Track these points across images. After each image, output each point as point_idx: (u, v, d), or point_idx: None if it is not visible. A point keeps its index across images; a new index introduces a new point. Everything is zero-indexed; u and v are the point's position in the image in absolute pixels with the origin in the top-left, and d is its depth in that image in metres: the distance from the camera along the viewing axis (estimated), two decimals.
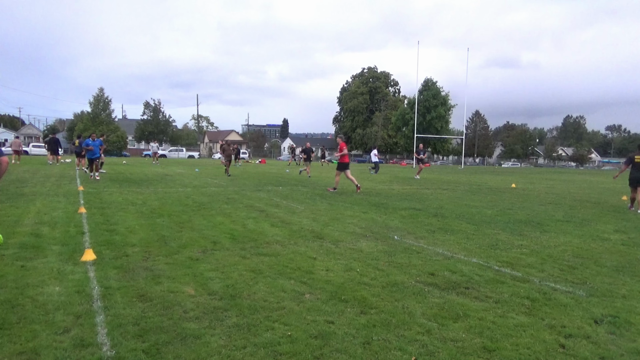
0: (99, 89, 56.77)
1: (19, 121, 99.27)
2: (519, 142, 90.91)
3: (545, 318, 3.87)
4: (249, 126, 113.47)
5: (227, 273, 4.85)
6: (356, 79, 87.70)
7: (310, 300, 4.12)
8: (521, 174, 36.38)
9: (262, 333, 3.38)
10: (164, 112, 64.34)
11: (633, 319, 3.91)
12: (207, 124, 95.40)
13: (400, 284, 4.68)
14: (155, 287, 4.31)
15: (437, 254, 6.06)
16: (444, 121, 69.43)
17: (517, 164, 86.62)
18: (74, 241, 6.10)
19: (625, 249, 6.81)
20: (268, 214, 9.03)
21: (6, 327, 3.32)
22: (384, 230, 7.66)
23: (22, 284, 4.27)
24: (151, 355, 2.99)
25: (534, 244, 7.00)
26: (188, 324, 3.48)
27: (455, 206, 11.41)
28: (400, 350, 3.18)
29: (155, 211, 8.90)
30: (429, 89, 68.97)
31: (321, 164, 39.52)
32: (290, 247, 6.22)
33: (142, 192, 12.17)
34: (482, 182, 21.15)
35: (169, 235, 6.67)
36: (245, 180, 18.27)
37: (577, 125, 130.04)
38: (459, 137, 67.92)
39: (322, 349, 3.16)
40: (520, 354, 3.19)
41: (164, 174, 19.75)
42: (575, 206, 12.37)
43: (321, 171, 28.68)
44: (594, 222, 9.41)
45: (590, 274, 5.32)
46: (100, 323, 3.44)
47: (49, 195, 10.78)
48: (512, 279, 5.01)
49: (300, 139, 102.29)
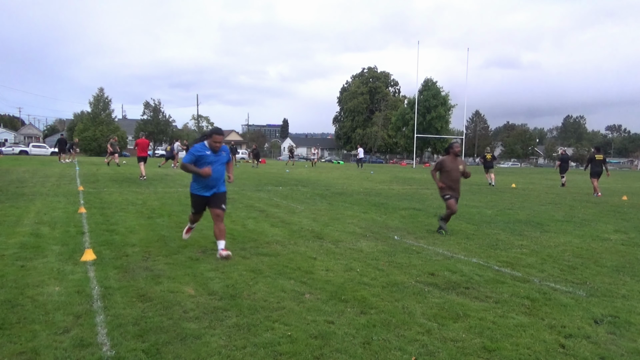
0: (99, 89, 56.56)
1: (19, 121, 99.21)
2: (519, 142, 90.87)
3: (545, 318, 3.87)
4: (249, 126, 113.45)
5: (227, 273, 4.85)
6: (356, 79, 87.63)
7: (310, 300, 4.12)
8: (521, 174, 36.36)
9: (262, 333, 3.38)
10: (164, 112, 64.29)
11: (633, 319, 3.91)
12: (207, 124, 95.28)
13: (400, 284, 4.68)
14: (155, 287, 4.31)
15: (437, 254, 6.06)
16: (444, 121, 69.38)
17: (517, 164, 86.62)
18: (74, 241, 6.10)
19: (625, 249, 6.81)
20: (268, 214, 9.03)
21: (6, 327, 3.32)
22: (384, 230, 7.66)
23: (22, 284, 4.27)
24: (151, 355, 2.99)
25: (534, 244, 7.00)
26: (188, 324, 3.48)
27: None
28: (400, 350, 3.18)
29: (155, 211, 8.90)
30: (429, 89, 68.93)
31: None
32: (290, 247, 6.22)
33: (142, 192, 12.17)
34: (482, 182, 21.14)
35: (169, 235, 6.67)
36: (245, 180, 18.27)
37: (577, 125, 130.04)
38: (459, 137, 67.90)
39: (322, 349, 3.16)
40: (520, 354, 3.19)
41: (164, 174, 19.75)
42: (575, 206, 12.37)
43: (317, 171, 28.66)
44: (594, 222, 9.41)
45: (590, 274, 5.32)
46: (100, 323, 3.44)
47: (49, 195, 10.78)
48: (512, 279, 5.01)
49: (300, 139, 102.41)
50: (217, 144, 5.42)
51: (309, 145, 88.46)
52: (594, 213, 10.96)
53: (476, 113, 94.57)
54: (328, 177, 21.67)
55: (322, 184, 17.20)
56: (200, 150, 5.43)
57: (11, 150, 50.37)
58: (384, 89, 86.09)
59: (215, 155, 5.49)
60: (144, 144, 17.85)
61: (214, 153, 5.46)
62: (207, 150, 5.44)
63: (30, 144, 56.95)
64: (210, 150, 5.45)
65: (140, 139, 18.26)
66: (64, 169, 20.91)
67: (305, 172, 26.76)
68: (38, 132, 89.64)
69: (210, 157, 5.44)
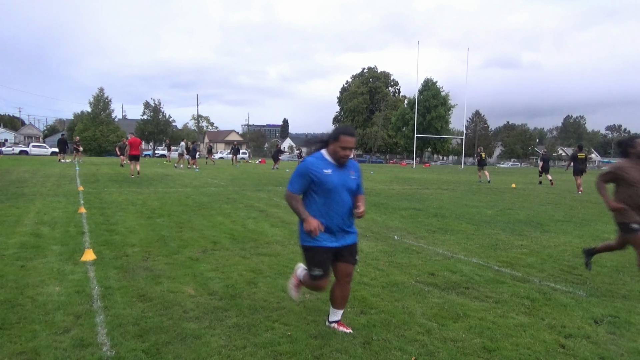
0: (99, 89, 56.61)
1: (19, 121, 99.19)
2: (519, 142, 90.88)
3: (545, 318, 3.86)
4: (249, 126, 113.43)
5: (227, 273, 4.85)
6: (356, 79, 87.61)
7: (310, 300, 4.12)
8: (521, 174, 36.36)
9: (262, 333, 3.38)
10: (164, 112, 64.35)
11: (633, 319, 3.91)
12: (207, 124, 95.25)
13: (400, 284, 4.68)
14: (155, 287, 4.31)
15: (437, 254, 6.06)
16: (444, 121, 69.36)
17: (517, 164, 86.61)
18: (74, 241, 6.10)
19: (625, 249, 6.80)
20: (268, 214, 9.03)
21: (6, 327, 3.32)
22: (384, 230, 7.66)
23: (22, 284, 4.27)
24: (151, 355, 2.99)
25: (534, 244, 7.00)
26: (188, 324, 3.48)
27: (455, 206, 11.41)
28: (400, 350, 3.18)
29: (155, 211, 8.90)
30: (429, 89, 68.90)
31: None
32: (290, 247, 6.22)
33: (142, 192, 12.17)
34: (482, 182, 21.15)
35: (169, 235, 6.67)
36: (245, 180, 18.27)
37: (577, 125, 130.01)
38: (459, 137, 67.89)
39: (322, 349, 3.16)
40: (520, 354, 3.19)
41: (164, 174, 19.75)
42: (575, 206, 12.37)
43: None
44: (594, 222, 9.41)
45: (590, 274, 5.32)
46: (100, 323, 3.44)
47: (49, 195, 10.78)
48: (512, 279, 5.01)
49: (300, 139, 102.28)
50: (346, 153, 3.25)
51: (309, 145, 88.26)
52: (594, 213, 10.96)
53: (476, 113, 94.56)
54: None
55: None
56: (316, 167, 3.25)
57: (11, 150, 50.40)
58: (384, 89, 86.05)
59: (341, 172, 3.30)
60: (136, 143, 18.32)
61: (338, 167, 3.30)
62: (327, 165, 3.28)
63: (30, 144, 56.95)
64: (333, 164, 3.30)
65: (132, 139, 18.76)
66: (64, 169, 20.91)
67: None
68: (38, 132, 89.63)
69: (333, 179, 3.25)
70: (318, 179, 3.22)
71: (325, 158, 3.31)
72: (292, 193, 3.30)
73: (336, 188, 3.26)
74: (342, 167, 3.32)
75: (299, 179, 3.27)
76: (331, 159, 3.30)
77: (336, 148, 3.24)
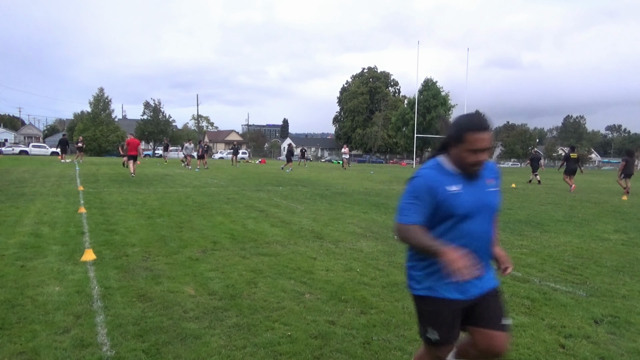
0: (99, 89, 56.62)
1: (19, 121, 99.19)
2: (519, 142, 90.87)
3: (545, 318, 3.87)
4: (249, 126, 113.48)
5: (227, 273, 4.85)
6: (356, 79, 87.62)
7: (310, 300, 4.12)
8: (521, 174, 36.37)
9: (262, 333, 3.38)
10: (163, 112, 64.39)
11: (633, 319, 3.91)
12: (207, 124, 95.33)
13: (400, 284, 4.67)
14: (155, 287, 4.31)
15: None
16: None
17: (517, 164, 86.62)
18: (74, 241, 6.10)
19: (625, 249, 6.81)
20: (268, 214, 9.03)
21: (6, 327, 3.33)
22: (384, 230, 7.66)
23: (22, 284, 4.27)
24: (151, 355, 2.99)
25: (534, 244, 7.00)
26: (188, 324, 3.48)
27: None
28: (400, 350, 3.18)
29: (155, 211, 8.90)
30: (429, 89, 68.89)
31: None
32: (290, 247, 6.22)
33: (142, 192, 12.17)
34: None
35: (169, 235, 6.67)
36: (245, 180, 18.28)
37: (577, 125, 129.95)
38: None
39: (322, 349, 3.16)
40: (520, 354, 3.19)
41: (164, 174, 19.75)
42: (575, 206, 12.37)
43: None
44: (594, 222, 9.41)
45: (590, 274, 5.32)
46: (100, 323, 3.44)
47: (49, 195, 10.78)
48: (512, 279, 5.00)
49: (300, 139, 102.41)
50: (479, 157, 2.10)
51: (309, 145, 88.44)
52: (594, 213, 10.96)
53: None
54: (328, 177, 21.67)
55: (322, 184, 17.20)
56: (434, 181, 2.15)
57: (11, 150, 50.36)
58: (384, 89, 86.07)
59: (474, 186, 2.19)
60: (134, 143, 18.62)
61: (468, 179, 2.18)
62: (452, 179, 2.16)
63: (31, 144, 56.92)
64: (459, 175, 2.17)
65: (130, 139, 19.10)
66: (64, 169, 20.91)
67: (305, 172, 26.76)
68: (38, 132, 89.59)
69: (464, 201, 2.14)
70: (442, 202, 2.12)
71: (446, 168, 2.18)
72: (408, 225, 2.12)
73: (471, 213, 2.14)
74: (475, 178, 2.19)
75: (415, 202, 2.14)
76: (456, 168, 2.17)
77: (462, 152, 2.10)
